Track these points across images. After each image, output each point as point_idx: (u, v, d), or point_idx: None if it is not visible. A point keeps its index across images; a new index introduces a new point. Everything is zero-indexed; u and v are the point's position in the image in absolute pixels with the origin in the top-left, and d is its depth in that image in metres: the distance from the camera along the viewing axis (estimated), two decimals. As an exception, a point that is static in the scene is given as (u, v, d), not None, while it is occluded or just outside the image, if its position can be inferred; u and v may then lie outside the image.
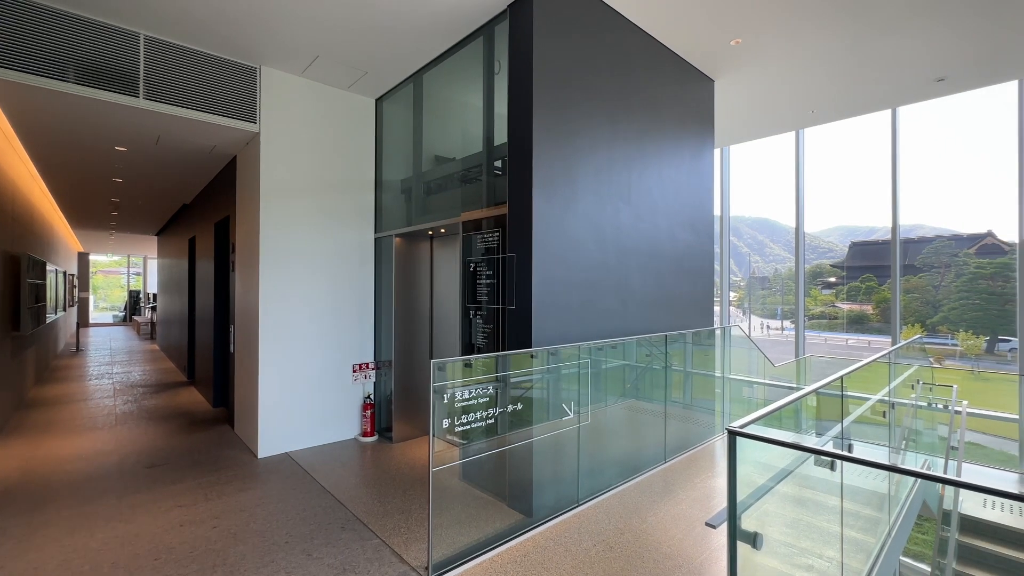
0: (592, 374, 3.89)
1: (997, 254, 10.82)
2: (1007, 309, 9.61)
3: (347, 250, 5.38)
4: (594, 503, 3.67)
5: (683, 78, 5.20)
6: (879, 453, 4.06)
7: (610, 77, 4.26)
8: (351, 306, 5.39)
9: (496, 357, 3.35)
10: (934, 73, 5.40)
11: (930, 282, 11.46)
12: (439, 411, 2.87)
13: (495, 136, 4.14)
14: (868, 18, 4.38)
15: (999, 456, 6.82)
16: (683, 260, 5.12)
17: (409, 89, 5.20)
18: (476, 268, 4.13)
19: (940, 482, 3.30)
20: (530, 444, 3.48)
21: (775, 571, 2.93)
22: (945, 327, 10.88)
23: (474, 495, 3.86)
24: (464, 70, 4.54)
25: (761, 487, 2.44)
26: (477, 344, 4.11)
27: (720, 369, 5.69)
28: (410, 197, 5.27)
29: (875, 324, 12.73)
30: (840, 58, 5.11)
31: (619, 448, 4.22)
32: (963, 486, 4.85)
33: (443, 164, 4.95)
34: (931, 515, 4.87)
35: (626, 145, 4.42)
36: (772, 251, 17.89)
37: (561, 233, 3.75)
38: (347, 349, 5.33)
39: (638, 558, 2.97)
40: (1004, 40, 4.76)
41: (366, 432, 5.27)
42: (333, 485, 4.11)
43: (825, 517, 3.10)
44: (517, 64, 3.73)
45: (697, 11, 4.26)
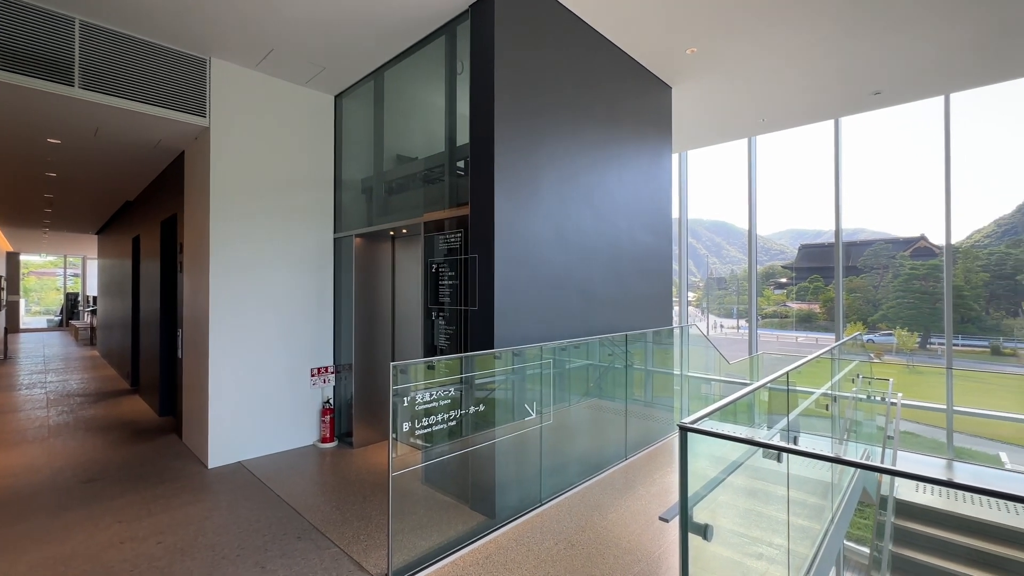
0: (555, 374, 3.93)
1: (929, 256, 11.70)
2: (937, 308, 10.35)
3: (305, 250, 5.21)
4: (557, 502, 3.71)
5: (642, 84, 5.33)
6: (823, 444, 4.30)
7: (572, 80, 4.32)
8: (309, 308, 5.22)
9: (457, 359, 3.33)
10: (871, 87, 5.78)
11: (871, 282, 12.25)
12: (399, 415, 2.83)
13: (457, 136, 4.12)
14: (809, 36, 4.64)
15: (930, 444, 7.35)
16: (643, 261, 5.25)
17: (370, 86, 5.10)
18: (438, 269, 4.09)
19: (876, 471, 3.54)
20: (493, 445, 3.47)
21: (728, 560, 3.04)
22: (884, 324, 11.65)
23: (437, 499, 3.81)
24: (426, 69, 4.49)
25: (713, 479, 2.53)
26: (440, 346, 4.07)
27: (679, 367, 5.87)
28: (371, 197, 5.17)
29: (822, 322, 13.49)
30: (786, 71, 5.39)
31: (582, 446, 4.28)
32: (897, 474, 5.19)
33: (405, 164, 4.88)
34: (870, 501, 5.20)
35: (587, 148, 4.49)
36: (729, 253, 18.62)
37: (523, 234, 3.77)
38: (305, 352, 5.16)
39: (598, 554, 3.02)
40: (932, 59, 5.15)
41: (325, 438, 5.11)
42: (289, 494, 3.97)
43: (775, 507, 3.24)
44: (479, 64, 3.72)
45: (654, 19, 4.38)
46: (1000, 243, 11.05)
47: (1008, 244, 10.84)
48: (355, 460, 4.75)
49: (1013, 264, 10.49)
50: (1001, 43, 4.84)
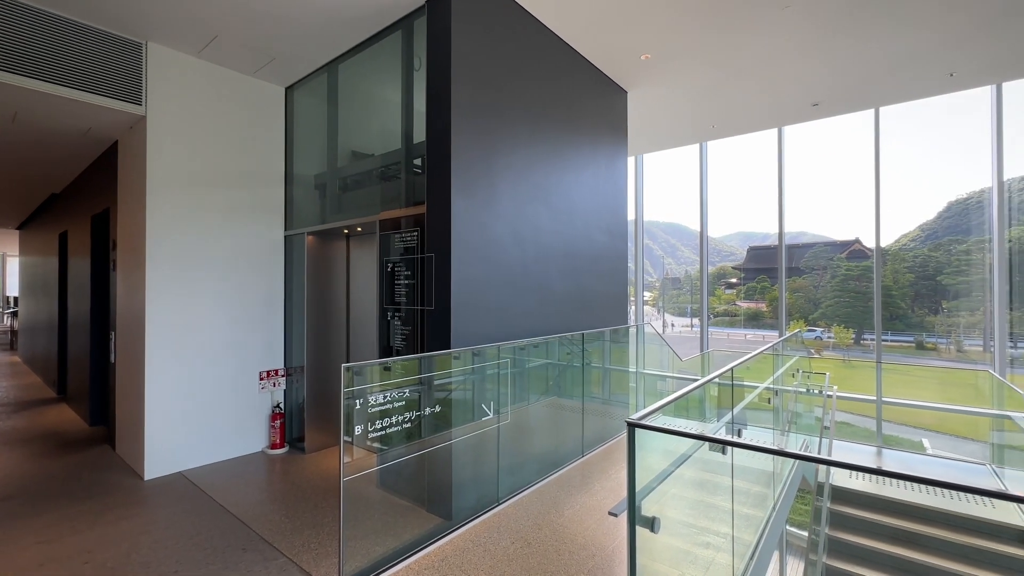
0: (513, 373, 3.94)
1: (863, 258, 12.56)
2: (869, 306, 11.07)
3: (253, 248, 4.98)
4: (514, 501, 3.71)
5: (599, 88, 5.44)
6: (767, 435, 4.53)
7: (529, 81, 4.34)
8: (258, 309, 4.99)
9: (413, 359, 3.28)
10: (809, 99, 6.14)
11: (812, 282, 13.03)
12: (353, 417, 2.75)
13: (414, 133, 4.05)
14: (754, 49, 4.88)
15: (863, 432, 7.90)
16: (599, 261, 5.35)
17: (323, 79, 4.93)
18: (394, 268, 4.01)
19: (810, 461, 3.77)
20: (449, 447, 3.44)
21: (679, 550, 3.15)
22: (823, 322, 12.42)
23: (392, 502, 3.73)
24: (382, 63, 4.39)
25: (663, 472, 2.61)
26: (395, 346, 3.99)
27: (634, 365, 6.03)
28: (324, 193, 5.00)
29: (768, 320, 14.24)
30: (733, 81, 5.65)
31: (540, 445, 4.31)
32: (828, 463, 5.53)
33: (360, 160, 4.75)
34: (809, 488, 5.53)
35: (545, 148, 4.53)
36: (683, 254, 19.30)
37: (480, 233, 3.75)
38: (253, 355, 4.93)
39: (554, 551, 3.04)
40: (861, 75, 5.53)
41: (275, 444, 4.90)
42: (234, 503, 3.78)
43: (722, 497, 3.38)
44: (436, 61, 3.67)
45: (609, 25, 4.48)
46: (924, 246, 11.99)
47: (930, 248, 11.78)
48: (307, 466, 4.58)
49: (934, 266, 11.42)
50: (918, 63, 5.27)
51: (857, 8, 4.27)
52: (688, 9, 4.21)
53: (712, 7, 4.19)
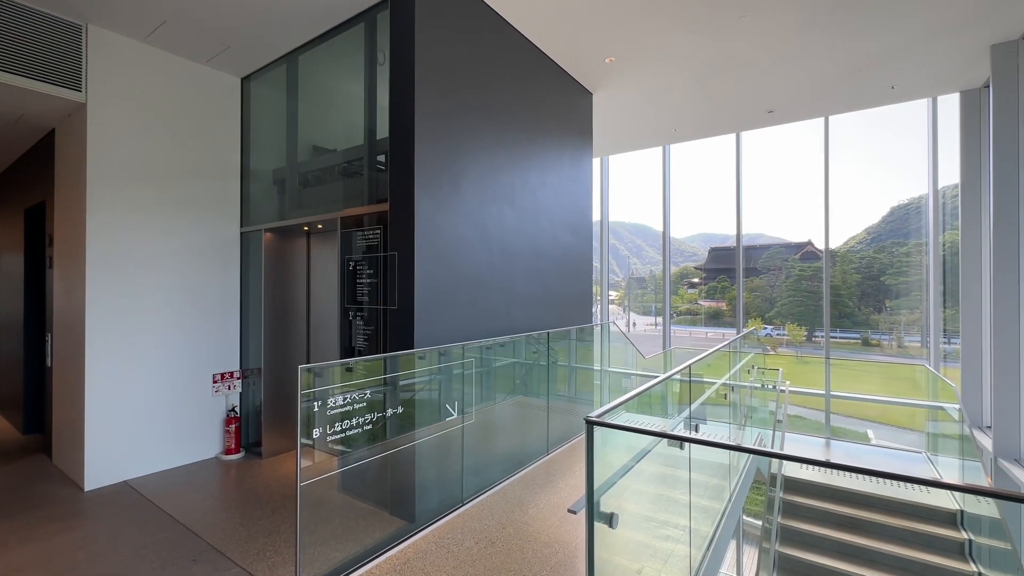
0: (478, 373, 3.92)
1: (815, 259, 13.20)
2: (820, 305, 11.63)
3: (206, 245, 4.76)
4: (478, 501, 3.70)
5: (564, 88, 5.48)
6: (724, 430, 4.70)
7: (495, 80, 4.33)
8: (212, 308, 4.78)
9: (374, 360, 3.21)
10: (765, 106, 6.41)
11: (768, 282, 13.61)
12: (314, 420, 2.67)
13: (378, 129, 3.97)
14: (712, 56, 5.05)
15: (814, 425, 8.31)
16: (565, 261, 5.40)
17: (282, 70, 4.77)
18: (356, 267, 3.92)
19: (758, 454, 3.96)
20: (413, 448, 3.39)
21: (640, 544, 3.22)
22: (778, 320, 12.99)
23: (354, 506, 3.65)
24: (345, 56, 4.28)
25: (622, 467, 2.66)
26: (357, 347, 3.91)
27: (599, 363, 6.12)
28: (284, 189, 4.84)
29: (728, 319, 14.76)
30: (693, 87, 5.83)
31: (505, 444, 4.31)
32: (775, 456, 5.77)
33: (322, 155, 4.62)
34: (763, 479, 5.78)
35: (510, 148, 4.53)
36: (648, 254, 19.75)
37: (445, 232, 3.72)
38: (206, 357, 4.71)
39: (518, 550, 3.05)
40: (812, 85, 5.81)
41: (230, 449, 4.71)
42: (185, 513, 3.60)
43: (682, 491, 3.48)
44: (399, 56, 3.61)
45: (574, 25, 4.52)
46: (869, 249, 12.70)
47: (875, 249, 12.50)
48: (264, 471, 4.42)
49: (879, 267, 12.14)
50: (862, 76, 5.58)
51: (806, 21, 4.48)
52: (651, 14, 4.30)
53: (673, 13, 4.30)
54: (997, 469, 4.84)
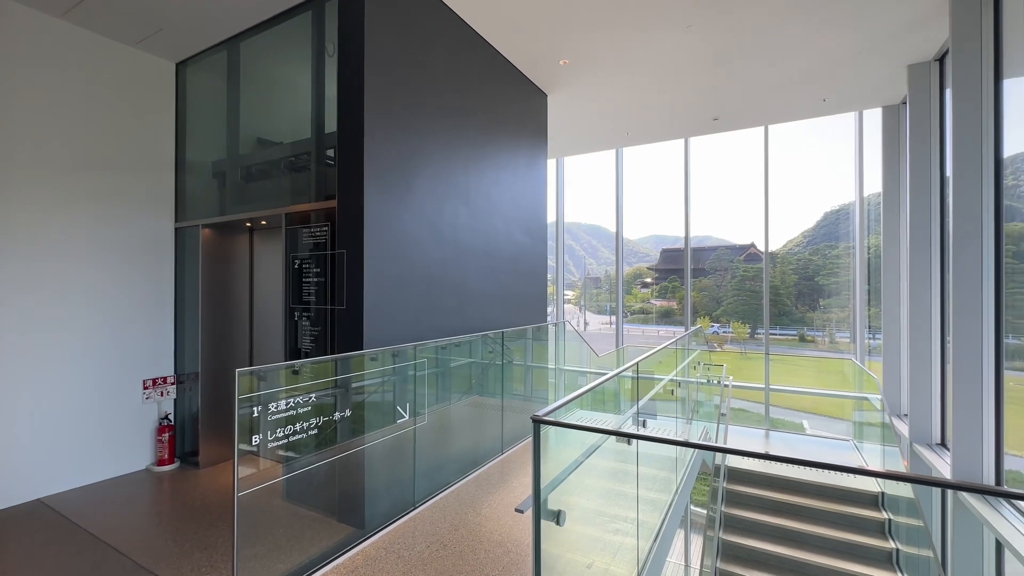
0: (431, 373, 3.86)
1: (757, 261, 13.97)
2: (761, 303, 12.31)
3: (136, 242, 4.42)
4: (431, 503, 3.65)
5: (520, 89, 5.50)
6: (672, 424, 4.87)
7: (449, 77, 4.28)
8: (142, 309, 4.44)
9: (320, 361, 3.09)
10: (710, 113, 6.70)
11: (715, 282, 14.27)
12: (255, 426, 2.54)
13: (326, 122, 3.83)
14: (659, 63, 5.22)
15: (755, 417, 8.78)
16: (519, 261, 5.42)
17: (222, 57, 4.50)
18: (303, 265, 3.76)
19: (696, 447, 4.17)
20: (362, 452, 3.29)
21: (591, 538, 3.28)
22: (724, 318, 13.66)
23: (300, 514, 3.50)
24: (291, 45, 4.10)
25: (573, 463, 2.69)
26: (304, 348, 3.75)
27: (553, 361, 6.19)
28: (224, 182, 4.57)
29: (678, 317, 15.36)
30: (644, 92, 6.01)
31: (459, 445, 4.27)
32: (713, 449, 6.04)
33: (266, 148, 4.40)
34: (708, 470, 6.05)
35: (464, 146, 4.50)
36: (603, 255, 20.23)
37: (396, 230, 3.64)
38: (136, 361, 4.38)
39: (471, 551, 3.03)
40: (752, 95, 6.14)
41: (162, 459, 4.40)
42: (109, 531, 3.33)
43: (631, 485, 3.58)
44: (348, 48, 3.49)
45: (529, 26, 4.54)
46: (805, 251, 13.57)
47: (810, 252, 13.38)
48: (201, 482, 4.16)
49: (813, 268, 13.00)
50: (796, 88, 5.96)
51: (745, 35, 4.72)
52: (603, 19, 4.39)
53: (624, 20, 4.41)
54: (912, 453, 5.30)
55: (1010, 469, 3.92)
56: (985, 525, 3.77)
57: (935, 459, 4.82)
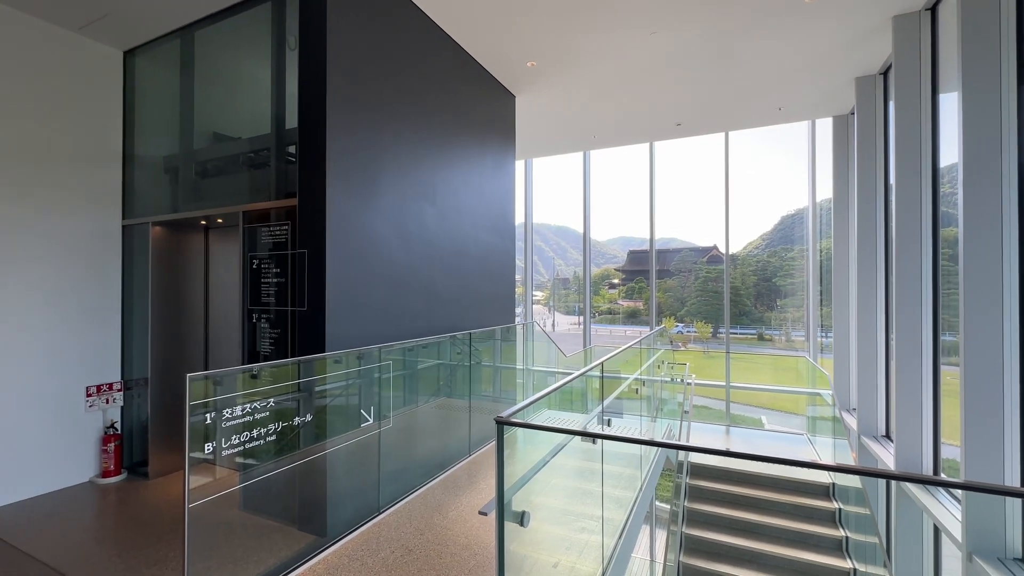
0: (397, 376, 3.80)
1: (719, 263, 14.47)
2: (723, 304, 12.73)
3: (78, 238, 4.15)
4: (396, 508, 3.58)
5: (488, 90, 5.49)
6: (637, 423, 4.97)
7: (416, 75, 4.23)
8: (85, 312, 4.18)
9: (279, 365, 2.99)
10: (674, 119, 6.89)
11: (680, 283, 14.68)
12: (210, 432, 2.43)
13: (287, 118, 3.71)
14: (624, 68, 5.34)
15: (716, 414, 9.07)
16: (487, 261, 5.41)
17: (175, 46, 4.29)
18: (262, 265, 3.63)
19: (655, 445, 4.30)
20: (323, 458, 3.20)
21: (558, 537, 3.30)
22: (689, 318, 14.06)
23: (258, 524, 3.36)
24: (250, 37, 3.95)
25: (540, 462, 2.70)
26: (263, 351, 3.62)
27: (521, 362, 6.21)
28: (177, 178, 4.36)
29: (645, 318, 15.72)
30: (610, 96, 6.12)
31: (425, 448, 4.21)
32: (673, 447, 6.20)
33: (223, 143, 4.22)
34: (672, 466, 6.20)
35: (432, 146, 4.45)
36: (572, 256, 20.47)
37: (361, 229, 3.56)
38: (78, 367, 4.11)
39: (436, 555, 2.99)
40: (713, 102, 6.35)
41: (108, 471, 4.15)
42: (46, 549, 3.11)
43: (597, 483, 3.63)
44: (310, 42, 3.40)
45: (497, 27, 4.54)
46: (764, 253, 14.14)
47: (768, 254, 13.95)
48: (151, 493, 3.95)
49: (771, 270, 13.56)
50: (754, 97, 6.20)
51: (706, 43, 4.87)
52: (569, 21, 4.44)
53: (589, 23, 4.47)
54: (860, 445, 5.60)
55: (947, 458, 4.20)
56: (924, 512, 4.02)
57: (881, 450, 5.11)
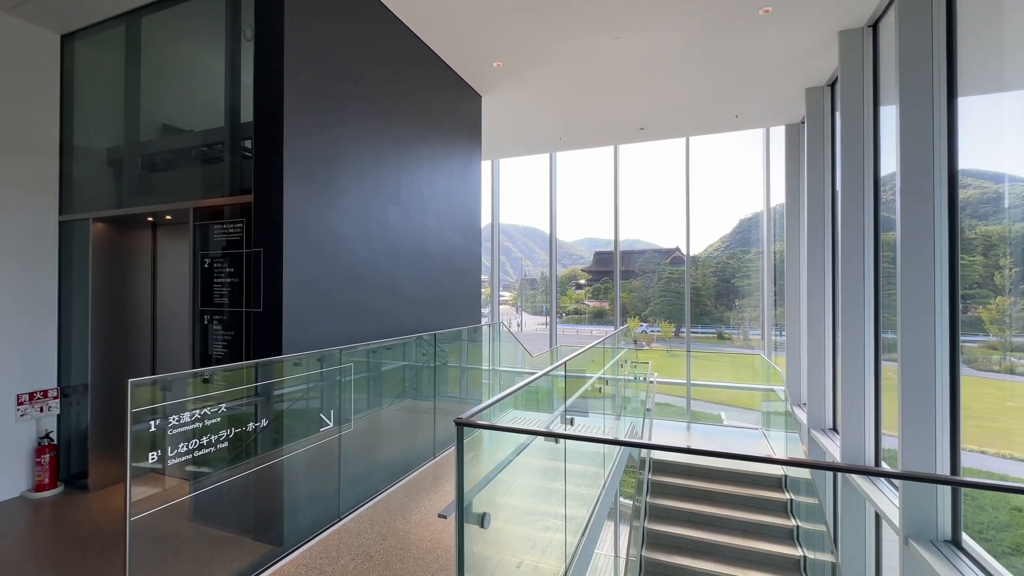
0: (362, 378, 3.71)
1: (682, 264, 14.94)
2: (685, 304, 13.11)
3: (7, 235, 3.85)
4: (358, 513, 3.50)
5: (454, 89, 5.46)
6: (600, 421, 5.06)
7: (380, 72, 4.15)
8: (15, 313, 3.88)
9: (232, 368, 2.87)
10: (637, 123, 7.05)
11: (644, 284, 15.04)
12: (158, 441, 2.31)
13: (242, 111, 3.56)
14: (588, 72, 5.42)
15: (678, 411, 9.33)
16: (453, 261, 5.37)
17: (119, 32, 4.05)
18: (214, 265, 3.47)
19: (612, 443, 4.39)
20: (280, 464, 3.09)
21: (521, 537, 3.31)
22: (653, 318, 14.42)
23: (209, 535, 3.21)
24: (202, 25, 3.77)
25: (503, 461, 2.71)
26: (215, 354, 3.46)
27: (488, 362, 6.19)
28: (122, 172, 4.12)
29: (611, 318, 16.02)
30: (574, 99, 6.20)
31: (389, 451, 4.14)
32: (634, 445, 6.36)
33: (173, 136, 4.02)
34: (635, 463, 6.34)
35: (396, 144, 4.38)
36: (540, 257, 20.62)
37: (321, 228, 3.46)
38: (7, 374, 3.81)
39: (398, 560, 2.94)
40: (673, 107, 6.53)
41: (42, 484, 3.86)
42: (-32, 571, 2.87)
43: (561, 481, 3.66)
44: (266, 33, 3.28)
45: (462, 26, 4.52)
46: (723, 255, 14.66)
47: (728, 256, 14.48)
48: (91, 507, 3.71)
49: (730, 271, 14.09)
50: (712, 104, 6.43)
51: (665, 51, 5.01)
52: (535, 22, 4.46)
53: (555, 25, 4.51)
54: (810, 438, 5.89)
55: (888, 448, 4.47)
56: (867, 500, 4.27)
57: (828, 443, 5.39)
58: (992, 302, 3.47)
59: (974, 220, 3.51)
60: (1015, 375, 3.50)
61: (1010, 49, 3.07)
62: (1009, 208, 3.27)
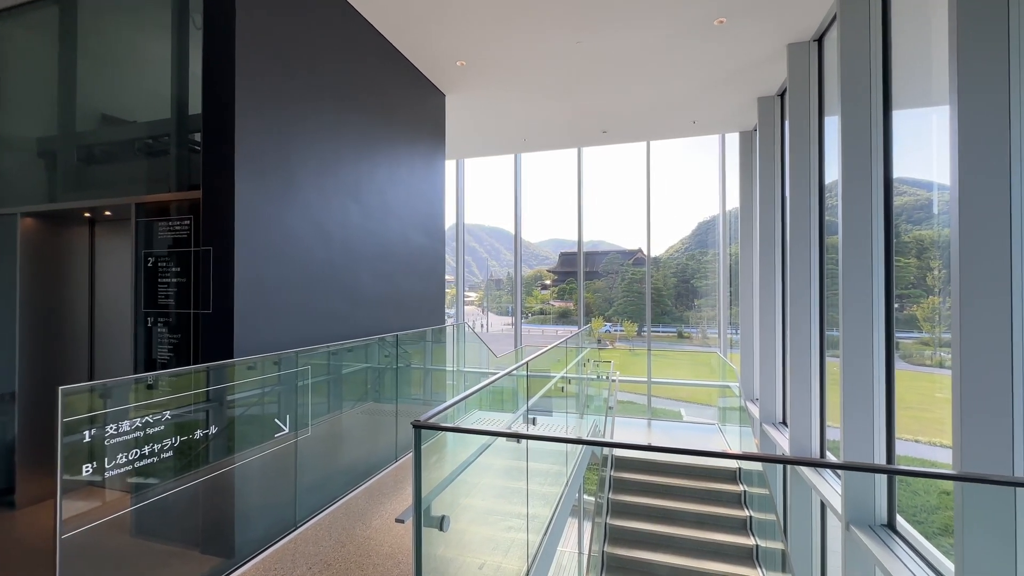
0: (321, 381, 3.60)
1: (643, 265, 15.34)
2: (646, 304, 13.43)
3: (-80, 231, 3.52)
4: (316, 520, 3.40)
5: (417, 87, 5.38)
6: (563, 420, 5.12)
7: (340, 68, 4.04)
8: (-70, 316, 3.55)
9: (178, 373, 2.73)
10: (600, 126, 7.19)
11: (608, 284, 15.33)
12: (95, 452, 2.17)
13: (190, 102, 3.38)
14: (552, 73, 5.48)
15: (639, 409, 9.56)
16: (416, 262, 5.30)
17: (52, 12, 3.77)
18: (159, 264, 3.29)
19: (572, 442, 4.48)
20: (231, 472, 2.95)
21: (485, 538, 3.30)
22: (616, 318, 14.73)
23: (153, 550, 3.03)
24: (147, 10, 3.56)
25: (464, 462, 2.69)
26: (160, 358, 3.28)
27: (452, 363, 6.15)
28: (55, 164, 3.84)
29: (575, 318, 16.26)
30: (538, 100, 6.25)
31: (349, 455, 4.03)
32: (594, 443, 6.46)
33: (114, 126, 3.77)
34: (597, 460, 6.46)
35: (356, 141, 4.28)
36: (506, 257, 20.67)
37: (275, 226, 3.33)
38: (-80, 382, 3.48)
39: (358, 567, 2.87)
40: (634, 112, 6.70)
41: (-39, 503, 3.54)
42: None
43: (524, 481, 3.67)
44: (217, 20, 3.13)
45: (425, 23, 4.46)
46: (683, 256, 15.14)
47: (687, 257, 14.96)
48: (17, 525, 3.43)
49: (689, 272, 14.56)
50: (671, 109, 6.63)
51: (624, 58, 5.13)
52: (498, 22, 4.46)
53: (518, 25, 4.52)
54: (762, 432, 6.16)
55: (832, 439, 4.74)
56: (813, 490, 4.51)
57: (778, 436, 5.65)
58: (925, 301, 3.72)
59: (909, 225, 3.76)
60: (944, 368, 3.77)
61: (937, 68, 3.32)
62: (939, 214, 3.52)
